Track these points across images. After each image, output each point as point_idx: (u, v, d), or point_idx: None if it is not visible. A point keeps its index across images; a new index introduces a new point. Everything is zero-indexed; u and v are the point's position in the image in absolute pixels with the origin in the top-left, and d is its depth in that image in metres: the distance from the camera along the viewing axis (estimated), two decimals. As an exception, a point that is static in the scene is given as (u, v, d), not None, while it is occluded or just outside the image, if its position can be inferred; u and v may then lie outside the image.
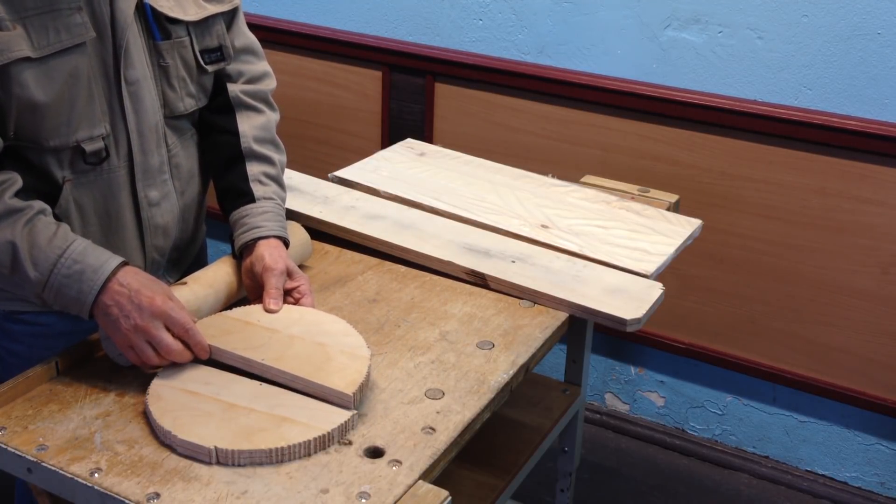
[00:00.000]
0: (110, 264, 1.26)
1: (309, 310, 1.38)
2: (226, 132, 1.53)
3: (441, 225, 1.70)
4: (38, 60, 1.26)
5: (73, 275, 1.24)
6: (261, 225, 1.44)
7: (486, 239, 1.66)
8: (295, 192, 1.78)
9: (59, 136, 1.31)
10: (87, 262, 1.25)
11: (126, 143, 1.38)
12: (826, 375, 2.34)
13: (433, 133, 2.62)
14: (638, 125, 2.35)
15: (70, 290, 1.25)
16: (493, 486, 1.59)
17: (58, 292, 1.25)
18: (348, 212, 1.73)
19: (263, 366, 1.25)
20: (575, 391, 1.81)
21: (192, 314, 1.29)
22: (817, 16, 2.11)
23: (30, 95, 1.26)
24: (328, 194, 1.80)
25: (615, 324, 1.46)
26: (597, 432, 2.68)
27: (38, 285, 1.25)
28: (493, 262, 1.58)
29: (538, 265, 1.58)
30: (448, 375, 1.32)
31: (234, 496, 1.08)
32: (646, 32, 2.29)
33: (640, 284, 1.55)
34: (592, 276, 1.56)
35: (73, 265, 1.24)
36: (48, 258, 1.25)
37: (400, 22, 2.60)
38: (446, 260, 1.58)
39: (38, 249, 1.25)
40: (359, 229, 1.67)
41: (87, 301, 1.24)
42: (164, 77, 1.42)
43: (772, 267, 2.32)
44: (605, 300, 1.49)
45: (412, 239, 1.64)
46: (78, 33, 1.29)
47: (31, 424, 1.19)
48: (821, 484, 2.46)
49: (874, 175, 2.14)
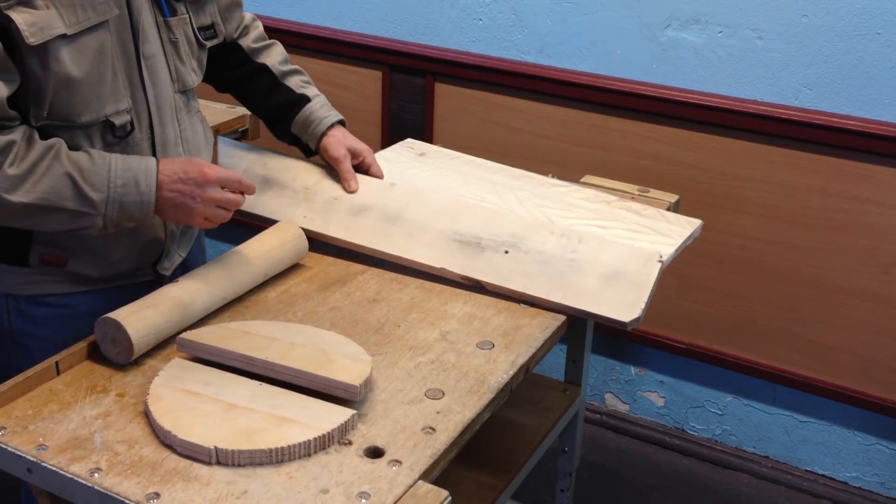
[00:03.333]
0: (151, 162, 1.37)
1: (307, 326, 1.39)
2: (257, 72, 1.74)
3: (428, 208, 1.66)
4: (72, 37, 1.31)
5: (129, 182, 1.34)
6: (326, 116, 1.73)
7: (477, 221, 1.63)
8: (274, 186, 1.72)
9: (90, 111, 1.36)
10: (131, 167, 1.35)
11: (147, 116, 1.45)
12: (826, 375, 2.34)
13: (433, 133, 2.62)
14: (638, 125, 2.35)
15: (131, 196, 1.35)
16: (493, 486, 1.59)
17: (121, 204, 1.34)
18: (332, 207, 1.68)
19: (266, 363, 1.25)
20: (575, 391, 1.81)
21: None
22: (817, 16, 2.11)
23: (67, 71, 1.31)
24: (307, 183, 1.73)
25: (615, 325, 1.46)
26: (597, 432, 2.69)
27: (101, 205, 1.33)
28: (486, 256, 1.57)
29: (532, 251, 1.56)
30: (448, 375, 1.32)
31: (234, 496, 1.08)
32: (646, 32, 2.29)
33: (636, 261, 1.53)
34: (588, 259, 1.54)
35: (124, 174, 1.34)
36: (100, 176, 1.33)
37: (400, 22, 2.60)
38: (439, 267, 1.57)
39: (88, 172, 1.32)
40: (345, 237, 1.64)
41: (150, 200, 1.36)
42: (175, 52, 1.50)
43: (772, 267, 2.32)
44: (603, 294, 1.48)
45: (401, 239, 1.62)
46: (103, 11, 1.35)
47: (31, 424, 1.19)
48: (821, 484, 2.46)
49: (874, 175, 2.14)
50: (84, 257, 1.46)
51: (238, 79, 1.75)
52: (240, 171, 1.68)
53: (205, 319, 1.42)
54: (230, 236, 3.02)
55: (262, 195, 1.69)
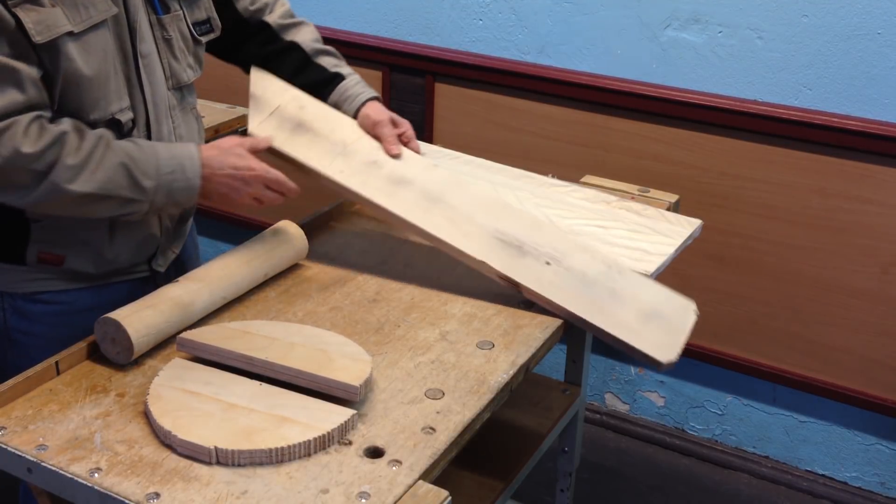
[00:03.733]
0: (193, 148, 1.42)
1: (307, 326, 1.39)
2: (286, 50, 1.71)
3: (471, 199, 1.59)
4: (79, 35, 1.33)
5: (176, 169, 1.39)
6: (361, 91, 1.70)
7: (520, 225, 1.57)
8: (309, 133, 1.60)
9: (98, 109, 1.38)
10: (176, 154, 1.40)
11: (144, 114, 1.46)
12: (826, 375, 2.34)
13: (433, 133, 2.62)
14: (638, 125, 2.35)
15: (179, 182, 1.39)
16: (493, 486, 1.59)
17: (169, 189, 1.39)
18: (370, 170, 1.58)
19: (266, 363, 1.25)
20: (575, 391, 1.81)
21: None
22: (817, 16, 2.11)
23: (76, 68, 1.33)
24: (347, 139, 1.62)
25: (650, 363, 1.43)
26: (597, 432, 2.69)
27: (151, 192, 1.38)
28: (526, 262, 1.51)
29: (574, 270, 1.51)
30: (448, 375, 1.32)
31: (234, 496, 1.08)
32: (646, 32, 2.29)
33: (674, 304, 1.52)
34: (629, 292, 1.50)
35: (170, 161, 1.39)
36: (150, 164, 1.37)
37: (400, 22, 2.60)
38: (480, 259, 1.51)
39: (139, 161, 1.37)
40: (384, 203, 1.54)
41: (195, 185, 1.41)
42: (169, 49, 1.50)
43: (772, 267, 2.32)
44: (643, 330, 1.44)
45: (442, 221, 1.53)
46: (103, 9, 1.36)
47: (31, 424, 1.19)
48: (821, 484, 2.46)
49: (874, 175, 2.14)
50: (81, 255, 1.46)
51: (266, 56, 1.70)
52: (272, 107, 1.60)
53: (205, 319, 1.42)
54: (230, 236, 3.03)
55: (295, 138, 1.59)
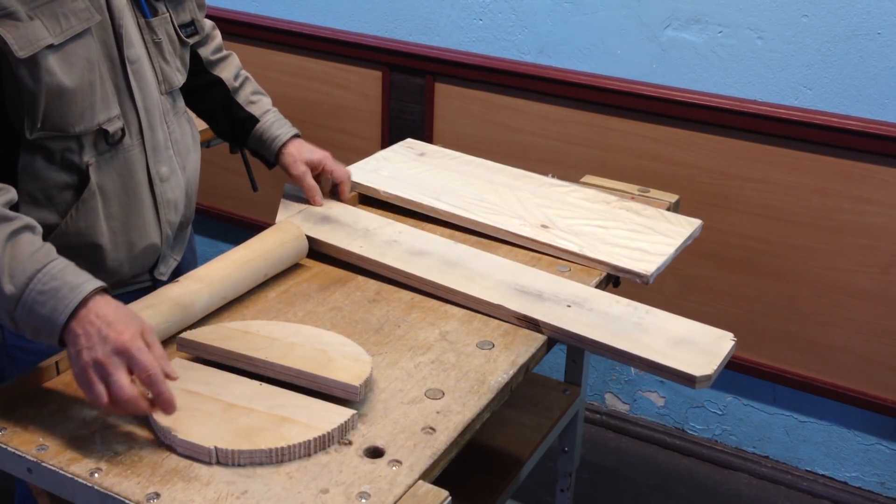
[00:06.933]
0: (89, 286, 1.16)
1: (307, 326, 1.38)
2: (212, 86, 1.72)
3: (491, 263, 1.58)
4: (59, 47, 1.29)
5: (49, 291, 1.15)
6: (277, 134, 1.72)
7: (540, 280, 1.53)
8: (333, 223, 1.67)
9: (84, 121, 1.35)
10: (66, 280, 1.16)
11: (136, 121, 1.43)
12: (826, 375, 2.34)
13: (433, 133, 2.62)
14: (638, 125, 2.35)
15: (43, 307, 1.14)
16: (493, 486, 1.59)
17: (30, 310, 1.15)
18: (391, 247, 1.61)
19: (266, 363, 1.25)
20: (575, 391, 1.81)
21: (169, 367, 1.16)
22: (817, 16, 2.11)
23: (58, 82, 1.30)
24: (369, 227, 1.67)
25: (683, 380, 1.33)
26: (597, 432, 2.69)
27: (11, 301, 1.16)
28: (546, 305, 1.46)
29: (596, 310, 1.46)
30: (448, 375, 1.32)
31: (234, 496, 1.08)
32: (646, 32, 2.29)
33: (708, 336, 1.40)
34: (655, 325, 1.44)
35: (51, 281, 1.16)
36: (25, 271, 1.16)
37: (400, 22, 2.60)
38: (496, 303, 1.47)
39: (18, 262, 1.17)
40: (402, 267, 1.55)
41: (58, 321, 1.14)
42: (159, 53, 1.48)
43: (772, 267, 2.32)
44: (673, 352, 1.36)
45: (460, 279, 1.52)
46: (84, 18, 1.33)
47: (31, 424, 1.19)
48: (821, 484, 2.46)
49: (874, 175, 2.14)
50: (81, 268, 1.42)
51: (192, 87, 1.67)
52: (295, 212, 1.69)
53: (205, 319, 1.42)
54: (230, 236, 3.03)
55: (319, 228, 1.66)
